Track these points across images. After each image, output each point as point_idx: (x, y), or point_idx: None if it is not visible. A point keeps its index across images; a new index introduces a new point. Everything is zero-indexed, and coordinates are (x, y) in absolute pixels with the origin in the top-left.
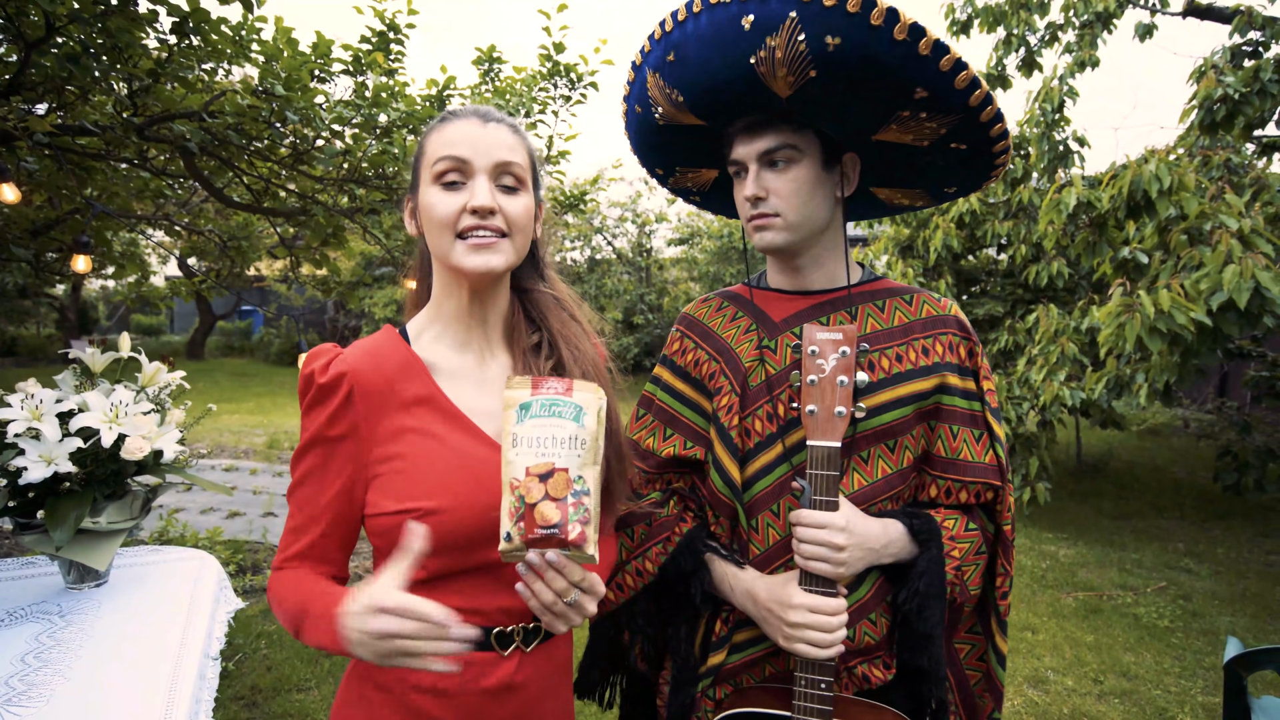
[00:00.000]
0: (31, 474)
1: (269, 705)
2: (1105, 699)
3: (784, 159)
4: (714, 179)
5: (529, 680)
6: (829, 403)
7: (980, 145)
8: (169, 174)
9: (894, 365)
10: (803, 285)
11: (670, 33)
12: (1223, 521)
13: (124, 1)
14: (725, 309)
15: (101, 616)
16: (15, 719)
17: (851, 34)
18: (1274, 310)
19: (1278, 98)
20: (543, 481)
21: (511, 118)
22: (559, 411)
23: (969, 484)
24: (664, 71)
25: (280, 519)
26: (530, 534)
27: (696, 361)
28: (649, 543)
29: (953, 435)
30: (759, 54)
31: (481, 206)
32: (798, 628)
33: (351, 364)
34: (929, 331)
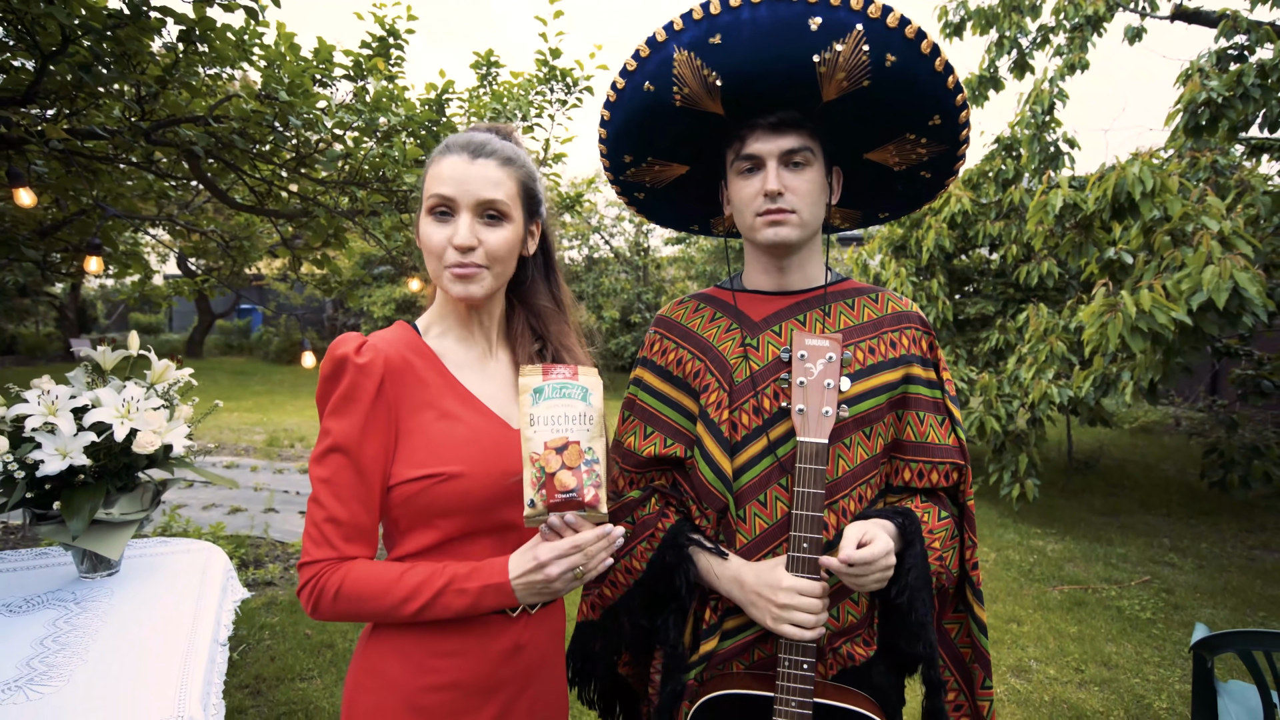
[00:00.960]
0: (48, 466)
1: (272, 694)
2: (1085, 687)
3: (802, 160)
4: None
5: (533, 642)
6: (817, 403)
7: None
8: (172, 176)
9: (868, 357)
10: (782, 286)
11: (718, 15)
12: (1208, 517)
13: (135, 12)
14: (703, 310)
15: (115, 603)
16: (39, 697)
17: (905, 56)
18: (1252, 310)
19: (1260, 102)
20: (559, 453)
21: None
22: (569, 393)
23: (938, 464)
24: (703, 52)
25: (281, 515)
26: (552, 499)
27: (679, 361)
28: (634, 541)
29: (920, 420)
30: (824, 54)
31: (461, 245)
32: (786, 609)
33: (381, 349)
34: (895, 326)
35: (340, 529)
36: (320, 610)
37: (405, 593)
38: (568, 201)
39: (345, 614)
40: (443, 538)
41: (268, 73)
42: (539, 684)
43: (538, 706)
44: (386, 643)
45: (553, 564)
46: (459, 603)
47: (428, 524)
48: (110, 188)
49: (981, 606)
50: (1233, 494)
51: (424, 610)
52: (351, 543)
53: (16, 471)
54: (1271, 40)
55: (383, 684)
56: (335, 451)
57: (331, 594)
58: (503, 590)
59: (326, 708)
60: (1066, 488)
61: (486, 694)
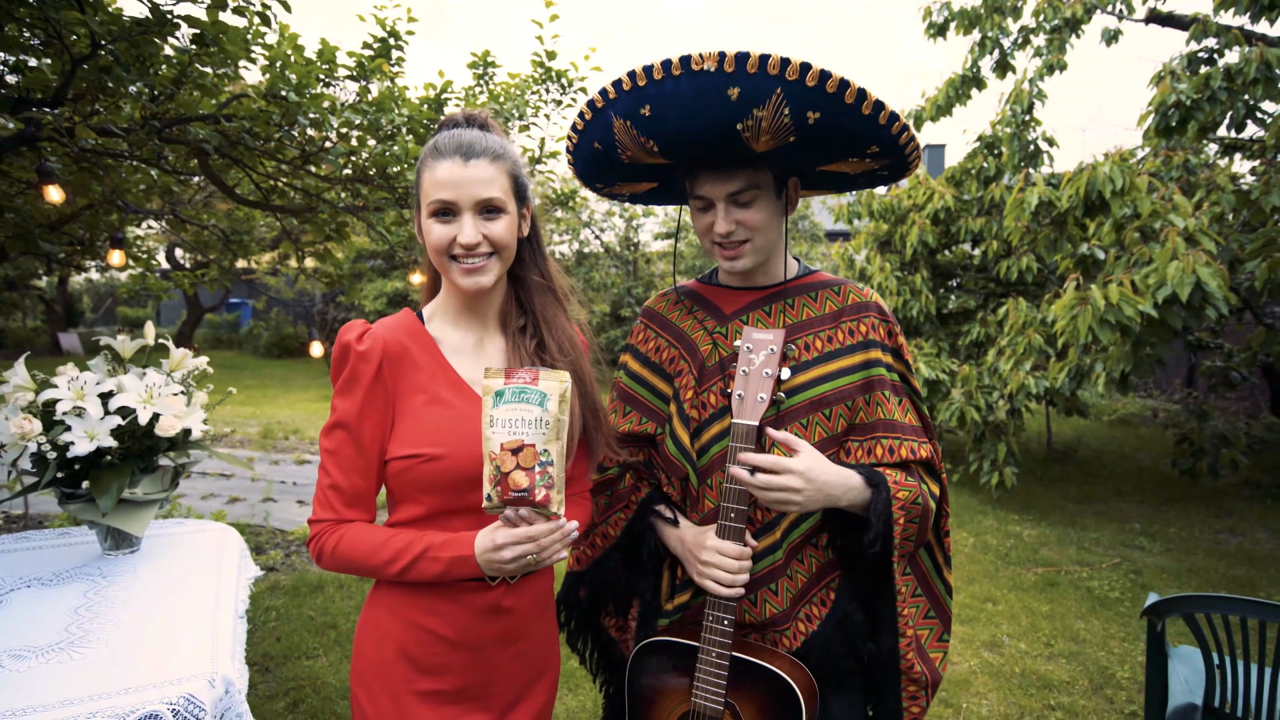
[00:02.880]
0: (78, 448)
1: (280, 671)
2: (1054, 660)
3: (749, 197)
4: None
5: (516, 606)
6: (754, 390)
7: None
8: (180, 172)
9: (825, 345)
10: (750, 282)
11: (644, 87)
12: (1178, 504)
13: (160, 19)
14: (681, 303)
15: (139, 577)
16: (81, 657)
17: (829, 109)
18: (1214, 303)
19: (1226, 104)
20: (514, 455)
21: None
22: (527, 398)
23: (906, 440)
24: (636, 122)
25: (280, 504)
26: (506, 495)
27: (658, 349)
28: (610, 511)
29: (886, 400)
30: (746, 121)
31: (468, 244)
32: (707, 565)
33: (380, 336)
34: (855, 315)
35: (341, 495)
36: (322, 562)
37: (389, 555)
38: (561, 198)
39: (341, 568)
40: (428, 511)
41: (273, 72)
42: (524, 642)
43: (526, 657)
44: (383, 599)
45: (507, 549)
46: (432, 569)
47: (414, 498)
48: (119, 183)
49: (949, 570)
50: (1202, 481)
51: (404, 572)
52: (350, 508)
53: (49, 452)
54: (1239, 44)
55: (381, 634)
56: (339, 427)
57: (330, 550)
58: (469, 562)
59: (333, 683)
60: (1044, 476)
61: (469, 648)
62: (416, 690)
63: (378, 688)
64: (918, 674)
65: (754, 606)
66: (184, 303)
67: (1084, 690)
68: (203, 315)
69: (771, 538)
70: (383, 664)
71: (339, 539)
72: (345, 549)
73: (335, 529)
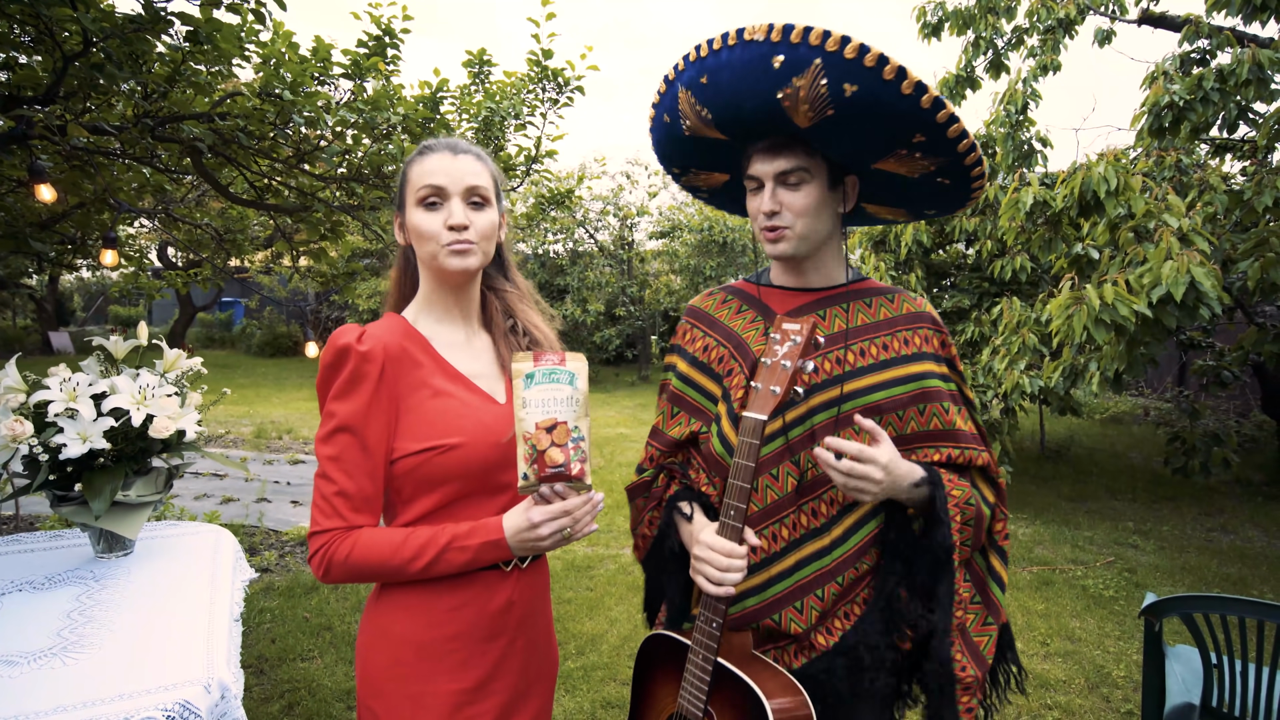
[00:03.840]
0: (71, 450)
1: (275, 673)
2: (1050, 659)
3: (797, 179)
4: (724, 182)
5: (522, 597)
6: (769, 382)
7: (961, 182)
8: (173, 170)
9: (881, 353)
10: (803, 283)
11: (705, 57)
12: (1171, 502)
13: (154, 17)
14: (730, 302)
15: (133, 581)
16: (74, 662)
17: (866, 84)
18: (1207, 303)
19: (1219, 105)
20: (549, 433)
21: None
22: (557, 378)
23: (964, 449)
24: (696, 90)
25: (274, 504)
26: (543, 473)
27: (706, 348)
28: (644, 511)
29: (945, 411)
30: (785, 90)
31: (457, 224)
32: (699, 560)
33: (380, 338)
34: (909, 325)
35: (349, 501)
36: (331, 574)
37: (411, 553)
38: (558, 197)
39: (355, 576)
40: (444, 501)
41: (267, 70)
42: (530, 632)
43: (531, 651)
44: (393, 603)
45: (544, 525)
46: (460, 558)
47: (430, 491)
48: (110, 182)
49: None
50: (1194, 479)
51: (430, 567)
52: (359, 513)
53: (41, 454)
54: (1231, 45)
55: (394, 640)
56: (342, 431)
57: (342, 558)
58: (500, 545)
59: (328, 685)
60: (1038, 475)
61: (489, 640)
62: (441, 690)
63: (392, 691)
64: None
65: (799, 614)
66: (176, 301)
67: (1080, 689)
68: (195, 314)
69: (819, 543)
70: (400, 668)
71: (351, 546)
72: (361, 554)
73: (345, 536)
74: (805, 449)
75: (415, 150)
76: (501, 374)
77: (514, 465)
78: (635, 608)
